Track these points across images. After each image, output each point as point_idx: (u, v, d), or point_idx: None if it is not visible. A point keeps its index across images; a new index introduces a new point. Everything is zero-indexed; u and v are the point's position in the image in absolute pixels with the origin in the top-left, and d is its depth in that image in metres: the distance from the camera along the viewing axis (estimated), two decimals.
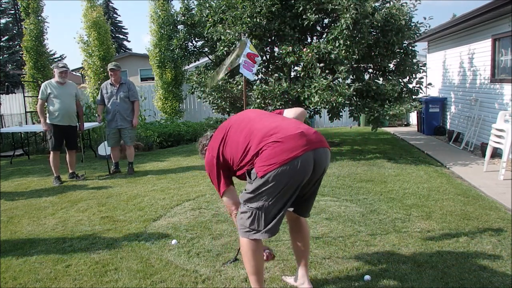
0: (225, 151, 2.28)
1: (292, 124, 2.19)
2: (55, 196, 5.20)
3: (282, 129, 2.11)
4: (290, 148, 2.02)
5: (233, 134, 2.27)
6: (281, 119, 2.27)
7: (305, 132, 2.12)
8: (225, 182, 2.32)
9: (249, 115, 2.36)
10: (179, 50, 8.91)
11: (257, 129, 2.17)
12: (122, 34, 39.99)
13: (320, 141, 2.16)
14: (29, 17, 10.68)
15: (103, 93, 6.35)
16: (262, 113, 2.39)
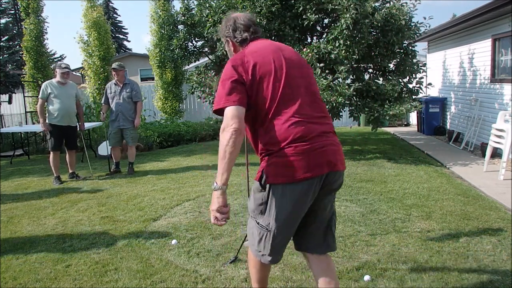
0: (253, 90, 1.80)
1: (318, 122, 1.83)
2: (55, 196, 5.20)
3: (311, 130, 1.77)
4: (313, 163, 1.73)
5: (267, 76, 1.81)
6: (312, 108, 1.86)
7: (329, 143, 1.81)
8: (239, 99, 1.75)
9: (292, 73, 1.87)
10: (179, 50, 8.91)
11: (297, 106, 1.79)
12: (122, 34, 40.00)
13: (340, 162, 1.86)
14: (29, 17, 10.68)
15: (107, 93, 6.36)
16: (303, 77, 1.92)
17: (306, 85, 1.88)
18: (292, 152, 1.73)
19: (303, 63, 1.99)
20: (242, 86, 1.77)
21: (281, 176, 1.75)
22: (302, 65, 1.95)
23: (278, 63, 1.85)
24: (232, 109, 1.71)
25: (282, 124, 1.75)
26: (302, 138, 1.73)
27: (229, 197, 4.74)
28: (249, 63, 1.81)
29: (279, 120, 1.76)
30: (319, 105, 1.90)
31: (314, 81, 1.98)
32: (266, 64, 1.83)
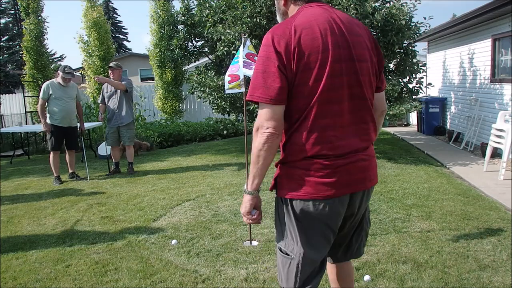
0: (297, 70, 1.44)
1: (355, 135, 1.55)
2: (55, 196, 5.20)
3: (344, 146, 1.51)
4: (339, 181, 1.50)
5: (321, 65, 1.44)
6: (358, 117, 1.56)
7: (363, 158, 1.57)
8: (278, 94, 1.43)
9: (339, 67, 1.47)
10: (179, 50, 8.91)
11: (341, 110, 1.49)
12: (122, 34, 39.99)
13: (370, 179, 1.62)
14: (29, 17, 10.68)
15: (104, 92, 6.37)
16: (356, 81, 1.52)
17: (353, 82, 1.50)
18: (315, 166, 1.48)
19: (363, 48, 1.53)
20: (283, 76, 1.42)
21: (297, 190, 1.50)
22: (359, 55, 1.51)
23: (327, 51, 1.44)
24: (269, 108, 1.43)
25: (310, 132, 1.46)
26: (329, 154, 1.48)
27: (229, 197, 4.75)
28: (296, 45, 1.42)
29: (308, 125, 1.46)
30: (364, 111, 1.55)
31: (367, 76, 1.54)
32: (314, 49, 1.43)
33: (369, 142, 1.59)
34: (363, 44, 1.54)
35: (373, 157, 1.63)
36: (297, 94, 1.45)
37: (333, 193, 1.49)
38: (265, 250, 3.15)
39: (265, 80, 1.43)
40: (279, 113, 1.44)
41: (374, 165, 1.64)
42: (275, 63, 1.42)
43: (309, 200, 1.49)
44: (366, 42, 1.56)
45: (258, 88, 1.44)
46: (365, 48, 1.55)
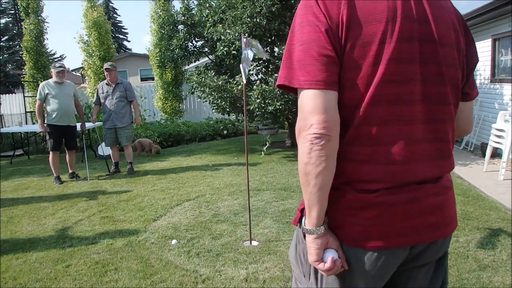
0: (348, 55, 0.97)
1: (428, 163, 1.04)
2: (55, 196, 5.20)
3: (407, 173, 1.00)
4: (392, 227, 1.01)
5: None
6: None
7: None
8: (326, 76, 0.95)
9: (412, 53, 0.98)
10: (179, 50, 8.92)
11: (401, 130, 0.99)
12: (122, 34, 40.00)
13: (445, 222, 1.09)
14: (29, 17, 10.69)
15: (99, 93, 6.36)
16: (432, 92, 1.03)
17: (432, 76, 1.01)
18: (356, 197, 1.00)
19: (449, 27, 1.03)
20: (331, 52, 0.95)
21: (336, 235, 1.05)
22: (443, 36, 1.01)
23: (394, 22, 0.96)
24: (316, 96, 0.94)
25: (357, 142, 0.99)
26: (383, 181, 0.99)
27: (229, 197, 4.74)
28: (347, 8, 0.95)
29: (356, 132, 0.99)
30: (445, 123, 1.05)
31: (453, 69, 1.05)
32: (374, 16, 0.96)
33: (445, 170, 1.07)
34: (449, 22, 1.03)
35: (450, 189, 1.09)
36: (343, 82, 0.97)
37: (381, 245, 1.00)
38: (265, 250, 3.15)
39: (306, 54, 0.95)
40: (331, 102, 0.94)
41: (451, 201, 1.10)
42: (322, 27, 0.95)
43: (347, 247, 1.04)
44: (454, 20, 1.05)
45: (296, 68, 0.96)
46: (452, 28, 1.03)
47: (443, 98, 1.03)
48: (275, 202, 4.45)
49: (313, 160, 0.95)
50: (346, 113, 0.98)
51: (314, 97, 0.94)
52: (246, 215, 3.77)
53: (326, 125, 0.93)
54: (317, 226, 1.01)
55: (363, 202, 0.99)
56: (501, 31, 6.79)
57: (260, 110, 6.69)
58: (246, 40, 3.24)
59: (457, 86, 1.07)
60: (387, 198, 0.98)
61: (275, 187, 5.12)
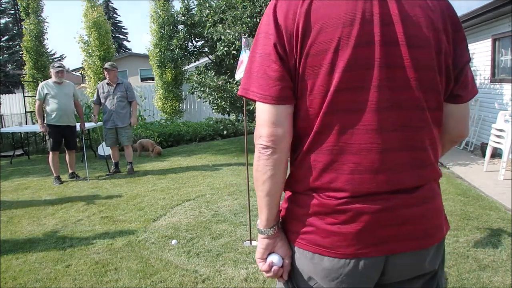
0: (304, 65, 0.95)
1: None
2: (55, 196, 5.20)
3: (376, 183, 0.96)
4: (363, 235, 0.97)
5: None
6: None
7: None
8: (277, 90, 0.96)
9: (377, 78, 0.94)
10: (179, 50, 8.92)
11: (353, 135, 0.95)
12: (122, 34, 40.00)
13: (429, 234, 1.02)
14: (29, 17, 10.69)
15: (99, 92, 6.35)
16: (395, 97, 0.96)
17: (397, 81, 0.95)
18: (323, 203, 0.98)
19: (421, 26, 0.95)
20: (281, 61, 0.95)
21: (297, 236, 1.04)
22: (413, 36, 0.94)
23: (352, 26, 0.92)
24: (266, 110, 0.97)
25: (318, 151, 0.98)
26: (346, 189, 0.96)
27: (229, 197, 4.74)
28: (303, 14, 0.93)
29: (316, 140, 0.98)
30: (419, 130, 0.98)
31: (425, 71, 0.96)
32: (330, 21, 0.92)
33: (424, 179, 1.00)
34: (424, 21, 0.95)
35: (433, 199, 1.02)
36: (302, 92, 0.96)
37: (346, 253, 0.97)
38: None
39: (260, 67, 0.97)
40: (281, 116, 0.97)
41: (434, 212, 1.03)
42: (272, 40, 0.95)
43: (312, 254, 1.01)
44: (432, 17, 0.96)
45: (253, 78, 0.99)
46: (429, 27, 0.96)
47: (415, 104, 0.96)
48: None
49: (260, 167, 1.00)
50: (305, 122, 0.98)
51: (264, 110, 0.97)
52: (246, 215, 3.77)
53: (273, 139, 0.96)
54: (266, 227, 1.06)
55: (328, 208, 0.97)
56: (501, 31, 6.79)
57: None
58: (245, 40, 3.24)
59: (436, 90, 0.99)
60: (353, 207, 0.96)
61: None
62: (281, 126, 0.97)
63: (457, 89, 1.05)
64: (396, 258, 0.99)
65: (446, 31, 0.99)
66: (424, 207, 1.00)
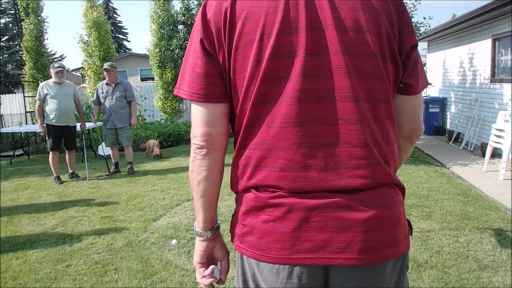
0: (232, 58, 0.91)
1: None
2: (55, 196, 5.20)
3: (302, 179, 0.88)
4: (290, 237, 0.89)
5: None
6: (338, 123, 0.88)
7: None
8: (205, 88, 0.93)
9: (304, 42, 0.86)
10: (179, 50, 8.92)
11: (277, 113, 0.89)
12: (122, 34, 40.00)
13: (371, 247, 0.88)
14: (29, 17, 10.69)
15: (99, 93, 6.35)
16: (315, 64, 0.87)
17: (333, 72, 0.86)
18: (257, 202, 0.92)
19: (355, 9, 0.87)
20: (207, 57, 0.92)
21: (237, 239, 0.99)
22: (344, 19, 0.87)
23: (275, 13, 0.86)
24: (197, 109, 0.95)
25: (248, 148, 0.95)
26: (279, 187, 0.89)
27: (229, 197, 4.74)
28: (229, 7, 0.89)
29: (246, 136, 0.95)
30: (355, 125, 0.87)
31: (365, 57, 0.87)
32: (254, 11, 0.88)
33: (370, 181, 0.88)
34: (359, 3, 0.87)
35: (382, 207, 0.89)
36: (234, 87, 0.92)
37: (278, 256, 0.89)
38: None
39: (190, 65, 0.95)
40: (213, 115, 0.94)
41: (383, 222, 0.89)
42: (199, 36, 0.92)
43: (250, 259, 0.95)
44: (373, 0, 0.88)
45: (185, 77, 0.95)
46: (366, 10, 0.87)
47: (349, 94, 0.86)
48: None
49: (195, 168, 0.97)
50: (239, 118, 0.94)
51: (196, 110, 0.95)
52: None
53: (207, 139, 0.94)
54: (203, 230, 1.03)
55: (261, 202, 0.90)
56: (501, 31, 6.79)
57: None
58: None
59: (379, 78, 0.88)
60: (285, 201, 0.88)
61: None
62: (214, 126, 0.95)
63: (406, 78, 0.94)
64: (335, 272, 0.88)
65: (389, 13, 0.89)
66: (369, 213, 0.87)
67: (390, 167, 0.93)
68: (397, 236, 0.91)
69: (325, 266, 0.88)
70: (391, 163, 0.94)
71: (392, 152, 0.93)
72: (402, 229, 0.93)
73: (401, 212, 0.94)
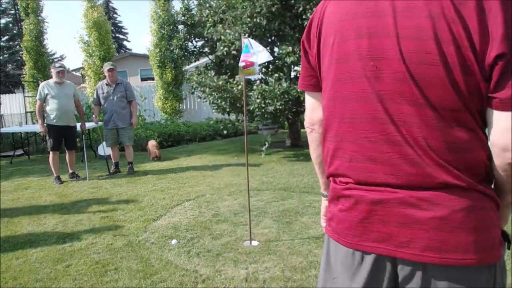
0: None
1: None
2: (55, 196, 5.20)
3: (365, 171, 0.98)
4: (359, 226, 0.98)
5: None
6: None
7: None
8: (305, 80, 1.15)
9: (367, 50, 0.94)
10: (179, 50, 8.92)
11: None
12: (122, 34, 40.01)
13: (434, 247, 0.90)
14: (29, 17, 10.70)
15: (99, 93, 6.34)
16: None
17: (392, 76, 0.91)
18: (333, 188, 1.07)
19: (421, 16, 0.87)
20: (306, 54, 1.12)
21: (326, 223, 1.12)
22: (407, 27, 0.88)
23: (345, 21, 0.97)
24: (306, 96, 1.20)
25: (328, 139, 1.08)
26: (349, 176, 1.01)
27: (229, 197, 4.75)
28: (322, 13, 1.04)
29: (326, 127, 1.09)
30: (408, 127, 0.90)
31: (426, 66, 0.87)
32: (335, 17, 1.00)
33: (410, 178, 0.91)
34: (422, 9, 0.86)
35: (453, 210, 0.88)
36: (322, 82, 1.10)
37: (352, 242, 0.99)
38: (265, 250, 3.15)
39: (302, 64, 1.18)
40: (309, 102, 1.17)
41: (450, 225, 0.88)
42: (304, 34, 1.12)
43: (333, 242, 1.06)
44: (444, 5, 0.84)
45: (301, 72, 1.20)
46: (427, 16, 0.86)
47: (409, 99, 0.89)
48: (275, 202, 4.45)
49: (309, 142, 1.23)
50: (322, 112, 1.12)
51: (306, 97, 1.19)
52: (246, 215, 3.77)
53: (309, 121, 1.18)
54: (323, 191, 1.27)
55: (338, 193, 1.04)
56: None
57: (260, 110, 6.69)
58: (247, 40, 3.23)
59: (443, 86, 0.87)
60: (353, 193, 0.98)
61: (275, 187, 5.13)
62: (315, 111, 1.16)
63: (492, 90, 0.86)
64: (401, 265, 0.93)
65: (464, 18, 0.83)
66: (431, 213, 0.88)
67: (463, 172, 0.89)
68: (466, 241, 0.88)
69: (393, 257, 0.94)
70: (463, 169, 0.89)
71: (464, 159, 0.89)
72: (475, 236, 0.88)
73: (473, 217, 0.89)
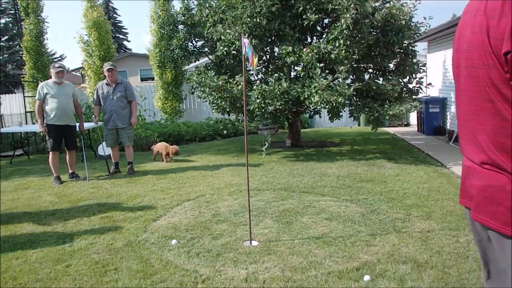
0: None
1: None
2: (55, 196, 5.20)
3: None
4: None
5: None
6: None
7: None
8: None
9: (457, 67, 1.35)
10: (179, 50, 8.91)
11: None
12: (122, 34, 40.00)
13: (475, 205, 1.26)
14: (29, 17, 10.70)
15: (99, 93, 6.34)
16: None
17: (460, 77, 1.28)
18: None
19: (465, 28, 1.22)
20: None
21: None
22: (461, 42, 1.26)
23: (455, 47, 1.35)
24: None
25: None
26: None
27: (229, 197, 4.75)
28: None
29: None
30: (475, 117, 1.21)
31: (465, 69, 1.23)
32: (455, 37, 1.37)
33: (485, 160, 1.18)
34: (468, 24, 1.21)
35: (490, 183, 1.17)
36: None
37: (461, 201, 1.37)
38: (265, 250, 3.15)
39: None
40: None
41: (488, 194, 1.17)
42: None
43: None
44: (478, 22, 1.14)
45: None
46: (471, 31, 1.17)
47: (472, 95, 1.21)
48: (275, 202, 4.45)
49: None
50: None
51: None
52: (246, 215, 3.77)
53: None
54: None
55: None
56: None
57: (260, 110, 6.69)
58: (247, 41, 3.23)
59: (480, 83, 1.16)
60: (462, 163, 1.34)
61: (275, 187, 5.13)
62: None
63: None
64: (469, 214, 1.30)
65: (487, 28, 1.10)
66: (482, 182, 1.20)
67: (496, 154, 1.15)
68: (496, 209, 1.16)
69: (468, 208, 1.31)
70: (494, 150, 1.16)
71: (499, 142, 1.14)
72: (501, 208, 1.15)
73: (502, 194, 1.14)
